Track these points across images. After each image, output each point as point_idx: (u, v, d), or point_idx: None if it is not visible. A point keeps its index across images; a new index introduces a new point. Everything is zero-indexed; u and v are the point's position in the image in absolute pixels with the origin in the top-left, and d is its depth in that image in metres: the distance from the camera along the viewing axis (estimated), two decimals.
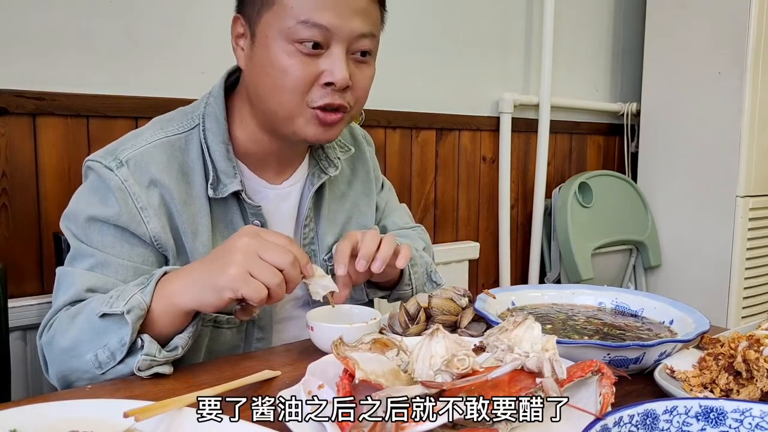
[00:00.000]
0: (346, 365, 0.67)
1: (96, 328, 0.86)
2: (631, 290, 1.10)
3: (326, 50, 0.96)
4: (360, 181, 1.26)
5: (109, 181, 0.96)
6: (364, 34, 0.98)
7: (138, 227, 0.97)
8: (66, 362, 0.89)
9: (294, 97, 0.97)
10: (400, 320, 1.00)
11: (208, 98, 1.08)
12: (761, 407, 0.61)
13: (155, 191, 0.99)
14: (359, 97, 1.02)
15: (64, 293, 0.94)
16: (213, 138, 1.03)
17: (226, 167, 1.03)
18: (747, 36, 2.41)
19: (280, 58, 0.96)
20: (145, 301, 0.84)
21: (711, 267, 2.57)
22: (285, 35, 0.95)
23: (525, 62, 2.54)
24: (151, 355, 0.83)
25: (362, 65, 1.01)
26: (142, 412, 0.60)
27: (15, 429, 0.58)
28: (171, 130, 1.04)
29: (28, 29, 1.45)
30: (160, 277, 0.88)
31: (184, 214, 1.00)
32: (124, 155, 0.98)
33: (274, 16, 0.96)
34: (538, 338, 0.69)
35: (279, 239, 0.87)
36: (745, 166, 2.47)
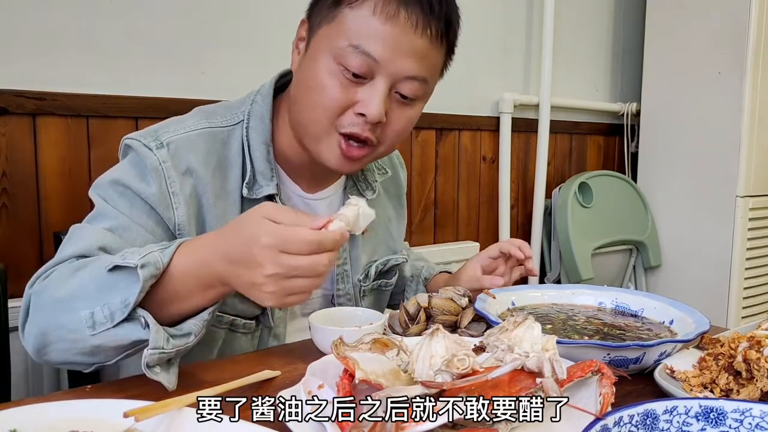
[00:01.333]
0: (346, 365, 0.67)
1: (101, 283, 0.79)
2: (631, 290, 1.10)
3: (369, 80, 0.93)
4: (392, 205, 1.27)
5: (146, 159, 0.94)
6: (413, 77, 0.95)
7: (166, 210, 0.95)
8: (54, 316, 0.80)
9: (325, 117, 0.95)
10: (400, 320, 1.00)
11: (255, 96, 1.07)
12: (761, 407, 0.61)
13: (189, 180, 0.97)
14: (391, 136, 0.99)
15: (72, 245, 0.88)
16: (255, 137, 1.02)
17: (264, 169, 1.02)
18: (747, 36, 2.41)
19: (323, 74, 0.94)
20: (162, 260, 0.77)
21: (711, 267, 2.57)
22: (334, 54, 0.93)
23: (525, 62, 2.54)
24: (158, 347, 0.75)
25: (404, 106, 0.98)
26: (142, 412, 0.60)
27: (15, 429, 0.58)
28: (215, 122, 1.03)
29: (28, 29, 1.45)
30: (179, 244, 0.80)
31: (215, 207, 0.99)
32: (165, 137, 0.97)
33: (331, 32, 0.94)
34: (538, 338, 0.69)
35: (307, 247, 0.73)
36: (745, 166, 2.47)
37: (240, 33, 1.76)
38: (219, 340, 1.02)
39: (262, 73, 1.81)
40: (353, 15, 0.92)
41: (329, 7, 0.94)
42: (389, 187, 1.27)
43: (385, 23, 0.91)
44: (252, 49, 1.77)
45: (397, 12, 0.91)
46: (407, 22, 0.91)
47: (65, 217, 1.50)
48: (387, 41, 0.91)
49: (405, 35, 0.92)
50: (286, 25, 1.81)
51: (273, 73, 1.11)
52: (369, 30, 0.91)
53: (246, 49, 1.76)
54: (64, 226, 1.47)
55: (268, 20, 1.80)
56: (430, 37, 0.94)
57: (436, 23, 0.94)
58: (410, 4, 0.91)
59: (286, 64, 1.13)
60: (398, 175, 1.30)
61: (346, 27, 0.92)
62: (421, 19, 0.92)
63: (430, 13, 0.93)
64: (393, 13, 0.90)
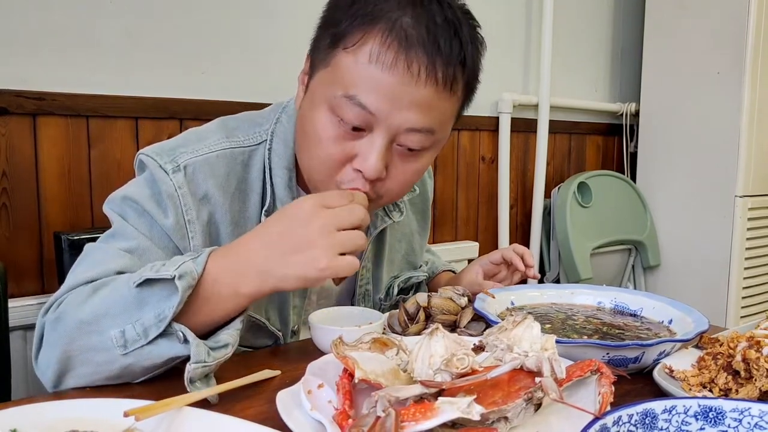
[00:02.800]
0: (345, 365, 0.67)
1: (129, 299, 0.75)
2: (630, 290, 1.10)
3: (369, 133, 0.85)
4: (416, 220, 1.23)
5: (162, 185, 0.89)
6: (416, 130, 0.85)
7: (182, 240, 0.90)
8: (78, 337, 0.76)
9: (324, 170, 0.88)
10: (400, 320, 1.01)
11: (281, 114, 1.00)
12: (760, 406, 0.62)
13: (206, 207, 0.92)
14: (394, 190, 0.91)
15: (88, 268, 0.82)
16: (278, 161, 0.96)
17: (284, 196, 0.96)
18: (746, 36, 2.41)
19: (319, 125, 0.86)
20: (197, 270, 0.74)
21: (710, 267, 2.58)
22: (330, 103, 0.84)
23: (524, 62, 2.54)
24: (200, 361, 0.72)
25: (408, 158, 0.89)
26: (142, 412, 0.60)
27: (15, 429, 0.58)
28: (236, 141, 0.96)
29: (29, 29, 1.45)
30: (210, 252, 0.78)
31: (233, 235, 0.92)
32: (182, 159, 0.90)
33: (327, 77, 0.85)
34: (538, 338, 0.70)
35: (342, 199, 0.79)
36: (744, 166, 2.47)
37: (240, 33, 1.76)
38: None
39: (262, 74, 1.82)
40: (349, 61, 0.82)
41: (326, 48, 0.86)
42: (415, 201, 1.22)
43: (383, 72, 0.80)
44: (252, 49, 1.77)
45: (396, 59, 0.80)
46: (407, 71, 0.81)
47: (65, 216, 1.50)
48: (384, 92, 0.81)
49: (404, 85, 0.81)
50: (285, 25, 1.81)
51: (273, 73, 1.10)
52: (365, 79, 0.81)
53: (246, 50, 1.76)
54: (64, 226, 1.48)
55: (268, 21, 1.80)
56: (436, 86, 0.83)
57: (444, 69, 0.83)
58: (412, 48, 0.80)
59: (285, 65, 1.13)
60: (425, 188, 1.25)
61: (341, 74, 0.83)
62: (425, 67, 0.81)
63: (437, 58, 0.82)
64: (392, 61, 0.80)
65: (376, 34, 0.81)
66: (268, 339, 1.02)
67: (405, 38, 0.81)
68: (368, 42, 0.81)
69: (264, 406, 0.73)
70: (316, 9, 1.01)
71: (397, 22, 0.81)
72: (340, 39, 0.83)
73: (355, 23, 0.82)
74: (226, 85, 1.71)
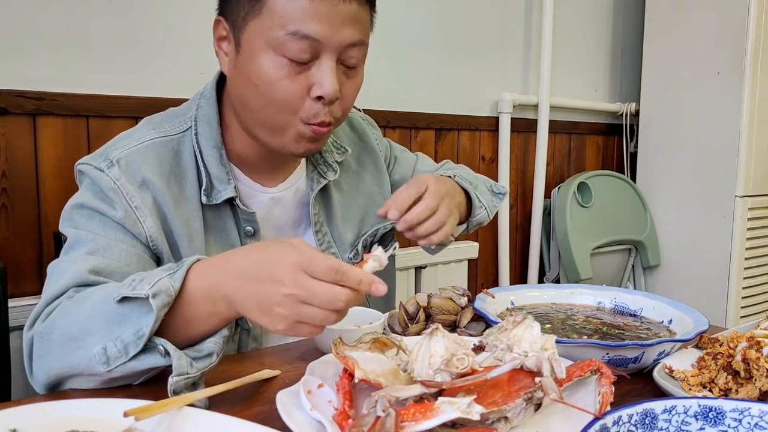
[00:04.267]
0: (345, 365, 0.67)
1: (110, 315, 0.76)
2: (630, 290, 1.10)
3: (315, 61, 0.92)
4: (369, 173, 1.24)
5: (101, 182, 0.93)
6: (354, 44, 0.94)
7: (134, 226, 0.93)
8: (67, 354, 0.78)
9: (285, 112, 0.94)
10: (400, 320, 1.01)
11: (199, 100, 1.05)
12: (760, 406, 0.62)
13: (147, 192, 0.95)
14: (346, 108, 0.99)
15: (59, 279, 0.84)
16: (205, 143, 1.01)
17: (219, 173, 1.00)
18: (746, 36, 2.41)
19: (268, 70, 0.91)
20: (174, 287, 0.74)
21: (710, 267, 2.58)
22: (273, 46, 0.90)
23: (524, 62, 2.54)
24: (183, 374, 0.73)
25: (351, 73, 0.97)
26: (142, 412, 0.60)
27: (15, 429, 0.58)
28: (163, 131, 1.01)
29: (29, 29, 1.45)
30: (191, 264, 0.77)
31: (178, 217, 0.97)
32: (114, 155, 0.96)
33: (261, 25, 0.91)
34: (537, 338, 0.70)
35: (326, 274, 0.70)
36: (744, 166, 2.47)
37: None
38: None
39: None
40: (280, 2, 0.89)
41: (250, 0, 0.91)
42: (362, 158, 1.23)
43: (314, 0, 0.89)
44: None
45: None
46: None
47: None
48: (322, 17, 0.89)
49: (335, 5, 0.90)
50: None
51: None
52: (301, 11, 0.89)
53: None
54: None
55: None
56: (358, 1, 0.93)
57: None
58: None
59: None
60: (368, 140, 1.25)
61: (277, 15, 0.89)
62: None
63: None
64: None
65: None
66: None
67: None
68: None
69: (264, 406, 0.73)
70: None
71: None
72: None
73: None
74: None
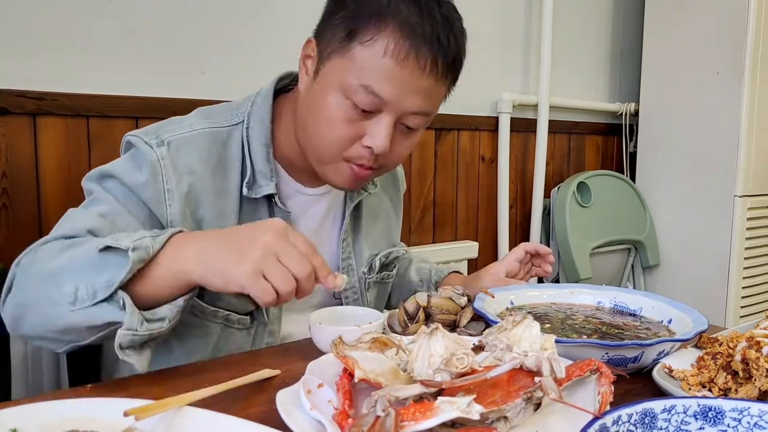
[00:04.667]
0: (345, 364, 0.67)
1: (91, 261, 0.80)
2: (630, 289, 1.11)
3: (376, 114, 0.96)
4: (390, 198, 1.32)
5: (145, 154, 0.96)
6: (418, 113, 0.98)
7: (158, 207, 0.96)
8: (38, 288, 0.82)
9: (334, 149, 0.99)
10: (400, 319, 1.01)
11: (255, 98, 1.08)
12: (759, 406, 0.62)
13: (188, 178, 0.98)
14: (393, 161, 1.04)
15: (61, 227, 0.90)
16: (255, 138, 1.04)
17: (264, 168, 1.04)
18: (745, 36, 2.41)
19: (332, 108, 0.96)
20: (153, 247, 0.79)
21: (709, 266, 2.58)
22: (344, 89, 0.95)
23: (524, 62, 2.54)
24: (131, 329, 0.77)
25: (406, 134, 1.01)
26: (142, 411, 0.60)
27: (15, 429, 0.58)
28: (215, 122, 1.05)
29: (29, 29, 1.45)
30: (172, 234, 0.83)
31: (215, 207, 1.01)
32: (166, 136, 0.99)
33: (342, 66, 0.95)
34: (537, 337, 0.70)
35: (303, 246, 0.81)
36: (744, 166, 2.47)
37: (240, 33, 1.76)
38: (214, 335, 1.03)
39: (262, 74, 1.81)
40: (365, 53, 0.93)
41: (342, 40, 0.95)
42: (387, 184, 1.31)
43: (396, 65, 0.92)
44: (252, 49, 1.78)
45: (408, 55, 0.92)
46: (416, 64, 0.93)
47: None
48: (396, 82, 0.93)
49: (413, 77, 0.94)
50: (285, 26, 1.82)
51: (272, 73, 1.11)
52: (379, 70, 0.92)
53: (246, 50, 1.77)
54: None
55: (268, 21, 1.81)
56: (436, 75, 0.96)
57: (443, 60, 0.95)
58: (421, 46, 0.92)
59: (285, 66, 1.13)
60: (396, 173, 1.34)
61: (357, 65, 0.93)
62: (431, 60, 0.94)
63: (439, 53, 0.94)
64: (404, 56, 0.92)
65: (389, 31, 0.92)
66: (251, 303, 1.04)
67: (414, 35, 0.92)
68: (383, 38, 0.92)
69: (264, 406, 0.73)
70: (316, 9, 1.02)
71: (406, 21, 0.92)
72: (356, 33, 0.93)
73: (370, 20, 0.93)
74: (226, 85, 1.71)
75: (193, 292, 0.85)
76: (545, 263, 1.25)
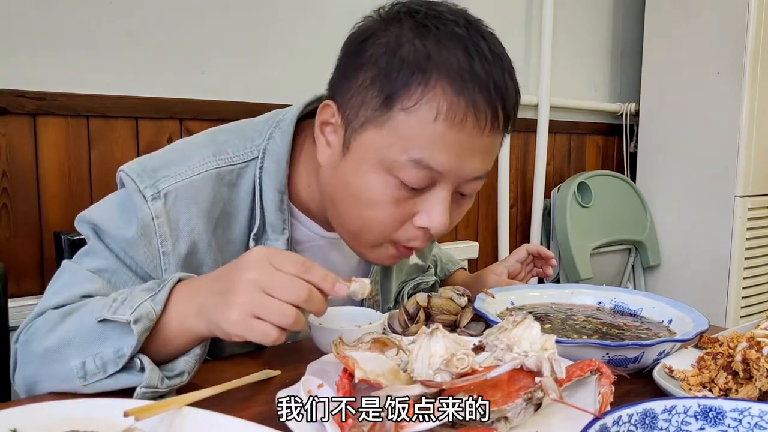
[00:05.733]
0: (345, 364, 0.67)
1: (91, 332, 0.74)
2: (630, 290, 1.10)
3: (429, 189, 0.81)
4: None
5: (137, 211, 0.84)
6: (479, 177, 0.83)
7: (154, 271, 0.86)
8: (44, 365, 0.76)
9: (377, 235, 0.85)
10: (400, 320, 1.01)
11: (274, 130, 0.92)
12: (760, 406, 0.62)
13: (187, 240, 0.87)
14: (446, 231, 0.87)
15: (57, 292, 0.83)
16: (269, 183, 0.90)
17: (275, 220, 0.91)
18: (746, 36, 2.41)
19: (374, 190, 0.80)
20: (155, 310, 0.73)
21: (710, 266, 2.58)
22: (387, 167, 0.79)
23: (524, 62, 2.54)
24: (152, 386, 0.72)
25: (462, 201, 0.88)
26: (142, 412, 0.60)
27: (15, 429, 0.58)
28: (225, 159, 0.89)
29: (29, 29, 1.45)
30: (173, 284, 0.76)
31: (217, 261, 0.89)
32: (164, 185, 0.85)
33: (381, 140, 0.79)
34: (537, 337, 0.70)
35: (293, 267, 0.69)
36: (744, 166, 2.47)
37: (240, 34, 1.76)
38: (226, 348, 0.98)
39: (262, 74, 1.81)
40: (410, 121, 0.77)
41: (377, 107, 0.79)
42: None
43: (451, 129, 0.77)
44: (252, 49, 1.77)
45: (466, 116, 0.77)
46: (476, 124, 0.78)
47: (65, 216, 1.50)
48: (452, 149, 0.78)
49: (472, 138, 0.78)
50: (286, 26, 1.81)
51: (272, 74, 1.10)
52: (431, 139, 0.77)
53: (246, 50, 1.76)
54: (64, 226, 1.48)
55: (268, 21, 1.80)
56: (498, 129, 0.82)
57: (503, 111, 0.81)
58: (480, 102, 0.77)
59: (284, 66, 1.13)
60: None
61: (401, 136, 0.77)
62: (491, 115, 0.79)
63: (498, 102, 0.79)
64: (461, 118, 0.77)
65: (439, 90, 0.76)
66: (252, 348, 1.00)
67: (466, 89, 0.76)
68: (431, 98, 0.76)
69: (264, 406, 0.73)
70: (316, 9, 1.01)
71: (456, 72, 0.76)
72: (396, 99, 0.78)
73: (411, 78, 0.76)
74: (226, 85, 1.71)
75: (205, 343, 0.79)
76: (547, 266, 1.24)
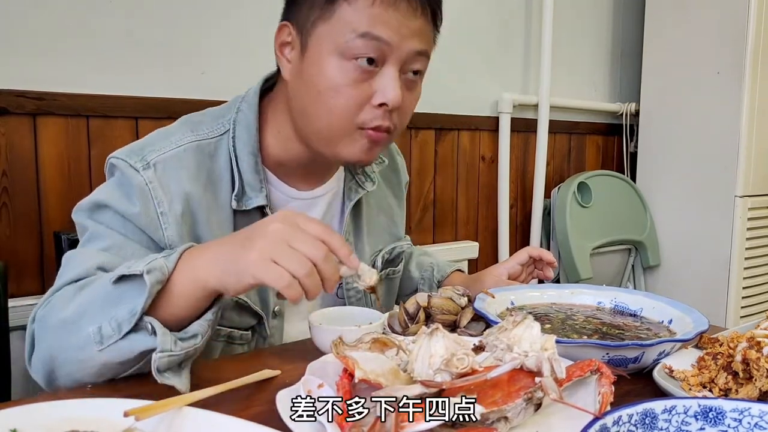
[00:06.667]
0: (345, 364, 0.67)
1: (107, 297, 0.78)
2: (630, 290, 1.10)
3: (380, 69, 0.94)
4: (393, 193, 1.29)
5: (132, 180, 0.92)
6: (420, 52, 0.97)
7: (155, 232, 0.93)
8: (60, 337, 0.79)
9: (345, 118, 0.95)
10: (400, 320, 1.01)
11: (240, 104, 1.05)
12: (760, 407, 0.62)
13: (180, 200, 0.95)
14: (404, 121, 1.01)
15: (70, 271, 0.86)
16: (242, 147, 1.01)
17: (252, 180, 1.01)
18: (746, 36, 2.41)
19: (333, 75, 0.93)
20: (168, 266, 0.77)
21: (710, 267, 2.58)
22: (341, 50, 0.92)
23: (524, 62, 2.54)
24: (167, 350, 0.74)
25: (411, 86, 0.99)
26: (142, 412, 0.60)
27: (15, 429, 0.58)
28: (201, 134, 1.01)
29: (29, 29, 1.45)
30: (184, 250, 0.80)
31: (211, 223, 0.98)
32: (151, 157, 0.95)
33: (331, 30, 0.93)
34: (537, 337, 0.70)
35: (315, 228, 0.77)
36: (744, 166, 2.47)
37: (240, 33, 1.76)
38: (217, 352, 1.02)
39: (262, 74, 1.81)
40: (353, 8, 0.92)
41: (323, 5, 0.93)
42: (388, 175, 1.28)
43: (387, 10, 0.92)
44: (252, 49, 1.77)
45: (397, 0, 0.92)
46: (408, 7, 0.93)
47: (65, 216, 1.50)
48: (393, 25, 0.92)
49: (407, 18, 0.93)
50: None
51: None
52: (373, 17, 0.91)
53: (246, 50, 1.76)
54: (64, 225, 1.48)
55: (269, 21, 1.80)
56: (426, 18, 0.96)
57: (429, 5, 0.97)
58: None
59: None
60: (396, 163, 1.31)
61: (348, 21, 0.92)
62: (419, 4, 0.94)
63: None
64: (394, 2, 0.92)
65: None
66: (252, 318, 1.04)
67: None
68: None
69: (264, 406, 0.73)
70: None
71: None
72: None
73: None
74: (226, 85, 1.71)
75: (219, 303, 0.82)
76: (547, 268, 1.25)
